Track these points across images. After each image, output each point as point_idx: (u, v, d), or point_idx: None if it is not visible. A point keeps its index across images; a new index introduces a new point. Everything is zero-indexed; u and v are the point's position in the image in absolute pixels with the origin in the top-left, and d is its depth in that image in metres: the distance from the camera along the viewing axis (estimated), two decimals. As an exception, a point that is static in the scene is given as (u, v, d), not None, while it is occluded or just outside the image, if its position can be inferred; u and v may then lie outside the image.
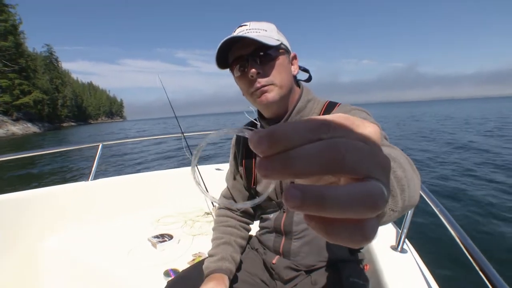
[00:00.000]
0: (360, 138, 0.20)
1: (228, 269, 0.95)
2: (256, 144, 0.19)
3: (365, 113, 0.82)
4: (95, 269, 1.64)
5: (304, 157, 0.18)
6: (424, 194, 1.24)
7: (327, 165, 0.18)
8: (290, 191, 0.17)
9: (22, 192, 1.95)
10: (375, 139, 0.20)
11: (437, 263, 2.50)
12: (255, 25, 0.83)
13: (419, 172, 0.51)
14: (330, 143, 0.18)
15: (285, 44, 0.87)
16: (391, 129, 16.59)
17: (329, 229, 0.19)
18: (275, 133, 0.19)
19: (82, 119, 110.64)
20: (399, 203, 0.38)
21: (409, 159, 0.51)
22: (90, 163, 2.32)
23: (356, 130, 0.20)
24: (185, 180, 2.54)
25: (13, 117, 46.82)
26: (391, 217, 0.38)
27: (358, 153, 0.18)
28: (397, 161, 0.42)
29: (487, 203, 4.05)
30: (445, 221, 1.07)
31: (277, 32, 0.86)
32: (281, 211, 0.98)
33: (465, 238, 0.94)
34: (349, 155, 0.18)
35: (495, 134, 11.53)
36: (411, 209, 0.45)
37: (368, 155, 0.19)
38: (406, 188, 0.40)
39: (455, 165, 6.45)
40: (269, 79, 0.82)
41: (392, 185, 0.36)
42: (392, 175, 0.36)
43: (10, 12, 47.94)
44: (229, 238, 1.03)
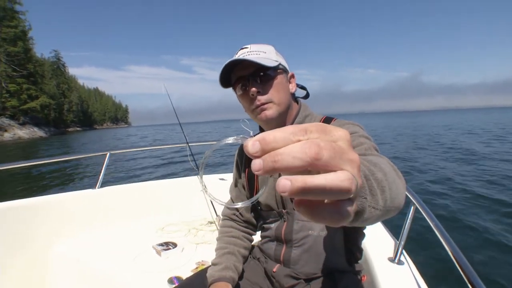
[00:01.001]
0: (331, 139, 0.24)
1: (231, 277, 0.99)
2: (250, 148, 0.24)
3: (358, 127, 0.87)
4: (101, 274, 1.68)
5: (288, 154, 0.22)
6: (420, 207, 1.27)
7: (307, 159, 0.22)
8: (281, 181, 0.22)
9: (31, 199, 2.00)
10: (344, 140, 0.25)
11: (434, 276, 2.52)
12: (255, 48, 0.90)
13: (404, 179, 0.57)
14: (308, 142, 0.23)
15: (283, 64, 0.93)
16: (387, 138, 16.51)
17: (314, 211, 0.24)
18: (265, 137, 0.24)
19: (88, 124, 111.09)
20: (380, 202, 0.42)
21: (394, 166, 0.56)
22: (97, 170, 2.37)
23: (328, 133, 0.25)
24: (189, 189, 2.58)
25: (19, 121, 47.21)
26: (373, 214, 0.41)
27: (331, 150, 0.23)
28: (377, 166, 0.47)
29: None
30: (439, 235, 1.09)
31: (276, 54, 0.92)
32: (281, 220, 1.01)
33: (457, 252, 0.97)
34: (324, 151, 0.22)
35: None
36: (397, 211, 0.49)
37: (339, 152, 0.23)
38: (386, 190, 0.45)
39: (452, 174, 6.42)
40: (268, 97, 0.88)
41: (372, 185, 0.41)
42: (372, 177, 0.41)
43: (20, 19, 48.76)
44: (232, 248, 1.08)
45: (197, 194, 2.53)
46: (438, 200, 4.85)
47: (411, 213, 1.29)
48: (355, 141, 0.78)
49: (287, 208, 0.99)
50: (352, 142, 0.77)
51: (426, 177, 6.54)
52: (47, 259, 1.84)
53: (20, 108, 47.84)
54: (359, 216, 0.37)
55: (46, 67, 67.41)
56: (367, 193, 0.39)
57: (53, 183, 8.17)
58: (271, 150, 0.23)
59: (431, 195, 5.13)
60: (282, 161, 0.22)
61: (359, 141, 0.78)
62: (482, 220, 3.89)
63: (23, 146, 27.60)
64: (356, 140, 0.79)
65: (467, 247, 3.13)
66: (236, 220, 1.17)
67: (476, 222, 3.82)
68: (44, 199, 2.05)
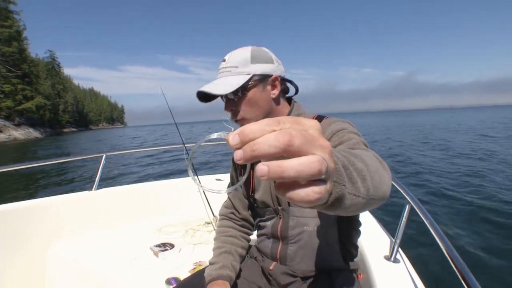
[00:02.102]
0: (303, 129, 0.28)
1: (228, 276, 1.01)
2: (231, 141, 0.27)
3: (348, 124, 0.89)
4: (99, 276, 1.69)
5: (265, 143, 0.26)
6: (415, 205, 1.28)
7: (280, 146, 0.25)
8: (259, 167, 0.26)
9: (29, 201, 2.00)
10: (315, 129, 0.29)
11: (430, 274, 2.54)
12: (230, 61, 0.90)
13: (391, 171, 0.59)
14: (282, 131, 0.26)
15: (261, 71, 0.91)
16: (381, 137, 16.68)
17: (291, 192, 0.27)
18: (244, 130, 0.27)
19: (83, 124, 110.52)
20: (362, 190, 0.44)
21: (379, 159, 0.59)
22: (93, 172, 2.37)
23: (300, 123, 0.28)
24: (186, 190, 2.59)
25: (15, 122, 46.83)
26: (356, 202, 0.43)
27: (302, 137, 0.26)
28: (358, 157, 0.49)
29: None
30: (434, 233, 1.11)
31: (251, 61, 0.90)
32: (277, 217, 1.03)
33: (452, 250, 0.98)
34: (296, 139, 0.25)
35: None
36: (382, 201, 0.51)
37: (310, 139, 0.27)
38: (368, 179, 0.46)
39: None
40: (241, 114, 0.93)
41: (352, 174, 0.42)
42: (351, 167, 0.43)
43: (14, 19, 48.26)
44: (230, 248, 1.10)
45: (194, 194, 2.54)
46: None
47: (406, 212, 1.30)
48: (344, 136, 0.80)
49: (282, 205, 1.01)
50: (342, 138, 0.79)
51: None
52: (45, 261, 1.84)
53: (15, 108, 47.40)
54: (340, 202, 0.39)
55: (41, 67, 66.87)
56: (346, 180, 0.41)
57: (50, 185, 8.12)
58: (250, 141, 0.26)
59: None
60: (259, 149, 0.26)
61: (348, 136, 0.80)
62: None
63: (18, 148, 27.38)
64: (346, 135, 0.81)
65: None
66: (234, 219, 1.18)
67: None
68: (42, 201, 2.05)
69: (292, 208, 0.99)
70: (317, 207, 0.37)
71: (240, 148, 0.27)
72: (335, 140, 0.82)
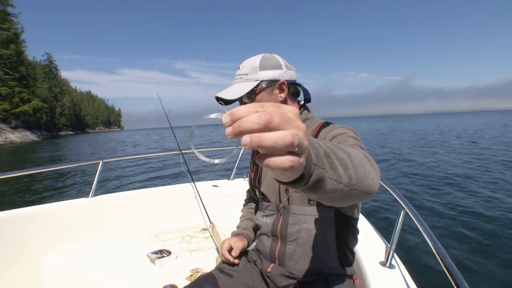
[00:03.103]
0: (282, 112, 0.34)
1: (248, 235, 1.27)
2: (224, 120, 0.33)
3: (349, 129, 0.94)
4: (95, 284, 1.68)
5: (249, 120, 0.31)
6: (409, 211, 1.29)
7: (261, 123, 0.31)
8: (244, 138, 0.31)
9: (24, 209, 1.99)
10: (292, 113, 0.35)
11: (425, 280, 2.55)
12: (243, 69, 1.03)
13: (378, 168, 0.64)
14: (264, 112, 0.32)
15: (268, 77, 1.02)
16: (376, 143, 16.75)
17: (269, 159, 0.33)
18: (233, 111, 0.33)
19: (80, 128, 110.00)
20: (344, 179, 0.49)
21: (368, 157, 0.64)
22: (90, 178, 2.37)
23: (280, 107, 0.34)
24: (183, 196, 2.60)
25: (11, 125, 46.52)
26: (337, 188, 0.48)
27: (280, 117, 0.32)
28: (343, 149, 0.53)
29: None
30: (427, 238, 1.12)
31: (259, 69, 1.01)
32: (278, 214, 1.07)
33: (445, 256, 0.99)
34: (274, 118, 0.31)
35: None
36: (368, 195, 0.55)
37: (287, 119, 0.33)
38: (350, 168, 0.51)
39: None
40: None
41: (333, 161, 0.48)
42: (333, 155, 0.48)
43: (12, 21, 48.13)
44: (251, 216, 1.35)
45: (191, 201, 2.54)
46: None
47: (401, 218, 1.32)
48: (343, 139, 0.86)
49: (283, 203, 1.06)
50: (340, 140, 0.85)
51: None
52: (40, 269, 1.83)
53: (12, 111, 47.17)
54: (320, 184, 0.45)
55: (38, 70, 66.71)
56: (327, 166, 0.46)
57: (46, 192, 8.03)
58: (238, 120, 0.32)
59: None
60: (244, 126, 0.31)
61: (346, 139, 0.86)
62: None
63: (13, 151, 27.15)
64: (344, 138, 0.87)
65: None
66: (254, 198, 1.35)
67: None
68: (37, 208, 2.04)
69: (292, 206, 1.03)
70: (299, 185, 0.42)
71: (230, 125, 0.33)
72: (335, 141, 0.87)
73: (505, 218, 4.10)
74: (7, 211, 1.92)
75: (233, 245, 1.20)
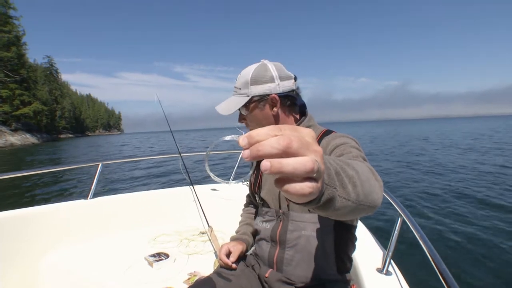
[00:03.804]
0: (300, 135, 0.33)
1: (247, 240, 1.27)
2: (241, 142, 0.33)
3: (351, 139, 0.95)
4: (94, 285, 1.68)
5: (268, 145, 0.31)
6: (406, 219, 1.30)
7: (281, 148, 0.31)
8: (263, 163, 0.31)
9: (23, 209, 1.99)
10: (309, 136, 0.34)
11: (422, 286, 2.55)
12: (237, 83, 1.05)
13: (382, 181, 0.65)
14: (283, 136, 0.32)
15: (259, 92, 1.00)
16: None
17: (288, 185, 0.33)
18: (251, 134, 0.33)
19: (80, 131, 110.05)
20: (352, 195, 0.49)
21: (372, 170, 0.65)
22: (89, 180, 2.37)
23: (297, 130, 0.34)
24: (182, 199, 2.60)
25: (11, 128, 46.47)
26: (346, 205, 0.49)
27: (299, 142, 0.31)
28: (351, 165, 0.54)
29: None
30: (424, 245, 1.12)
31: (251, 83, 1.00)
32: (277, 220, 1.07)
33: (440, 263, 1.00)
34: (294, 143, 0.31)
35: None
36: (373, 209, 0.54)
37: (305, 144, 0.32)
38: (358, 185, 0.51)
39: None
40: (251, 127, 1.09)
41: (343, 180, 0.48)
42: (343, 173, 0.49)
43: (14, 24, 48.29)
44: (250, 221, 1.35)
45: (190, 204, 2.54)
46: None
47: (398, 224, 1.32)
48: (345, 150, 0.86)
49: (283, 209, 1.06)
50: (343, 150, 0.85)
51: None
52: (38, 271, 1.83)
53: (12, 114, 47.17)
54: (331, 203, 0.45)
55: (39, 72, 66.79)
56: (337, 184, 0.46)
57: (45, 193, 8.03)
58: (256, 143, 0.32)
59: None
60: (263, 150, 0.31)
61: (349, 150, 0.86)
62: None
63: (12, 153, 27.13)
64: (347, 149, 0.86)
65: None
66: (253, 202, 1.41)
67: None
68: (36, 209, 2.04)
69: (292, 213, 1.03)
70: (311, 205, 0.42)
71: (248, 148, 0.32)
72: (337, 152, 0.88)
73: (503, 228, 4.10)
74: (6, 212, 1.92)
75: (232, 249, 1.20)
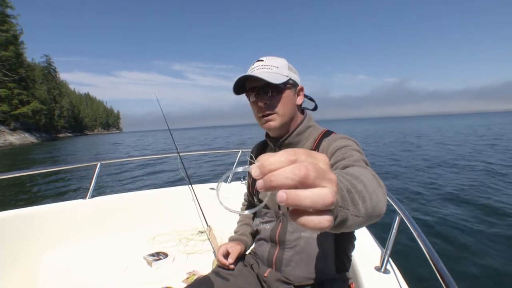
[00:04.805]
0: (315, 162, 0.32)
1: (245, 241, 1.25)
2: (253, 173, 0.31)
3: (352, 141, 0.94)
4: (91, 286, 1.68)
5: (282, 175, 0.29)
6: (404, 217, 1.30)
7: (298, 180, 0.28)
8: (279, 194, 0.29)
9: (21, 210, 2.00)
10: (324, 163, 0.33)
11: (420, 285, 2.55)
12: (269, 62, 0.99)
13: (385, 186, 0.64)
14: (298, 165, 0.29)
15: (294, 78, 1.02)
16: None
17: (305, 219, 0.30)
18: (263, 163, 0.30)
19: (79, 130, 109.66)
20: (362, 211, 0.49)
21: (376, 176, 0.64)
22: (88, 180, 2.37)
23: (313, 157, 0.32)
24: (180, 199, 2.60)
25: (10, 127, 46.34)
26: (356, 221, 0.48)
27: (315, 171, 0.29)
28: (358, 178, 0.54)
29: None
30: (421, 244, 1.13)
31: (288, 68, 1.01)
32: (277, 221, 1.07)
33: (438, 261, 1.01)
34: (311, 172, 0.29)
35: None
36: (379, 217, 0.55)
37: (322, 173, 0.30)
38: (367, 199, 0.51)
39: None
40: (273, 109, 0.99)
41: (354, 197, 0.48)
42: (353, 190, 0.49)
43: (11, 23, 48.02)
44: (249, 221, 1.33)
45: (189, 203, 2.54)
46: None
47: (396, 223, 1.33)
48: (347, 153, 0.85)
49: (282, 210, 1.06)
50: (344, 154, 0.84)
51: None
52: (38, 270, 1.83)
53: (11, 113, 47.03)
54: (343, 223, 0.45)
55: (37, 72, 66.52)
56: (349, 204, 0.46)
57: (43, 193, 8.00)
58: (269, 172, 0.30)
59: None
60: (276, 181, 0.29)
61: (350, 153, 0.85)
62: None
63: (11, 152, 27.04)
64: (348, 152, 0.85)
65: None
66: (252, 204, 1.38)
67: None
68: (35, 209, 2.04)
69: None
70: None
71: (261, 178, 0.30)
72: (338, 155, 0.86)
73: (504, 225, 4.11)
74: (5, 212, 1.92)
75: (230, 249, 1.18)
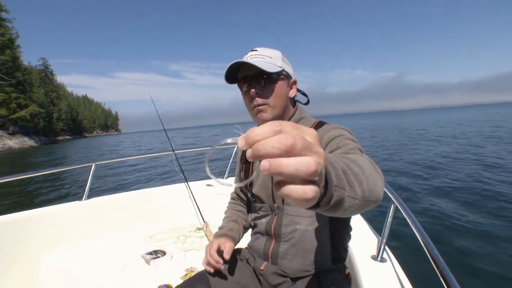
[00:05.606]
0: (302, 134, 0.31)
1: (233, 237, 1.17)
2: (240, 144, 0.31)
3: (346, 131, 0.93)
4: (91, 286, 1.69)
5: (268, 144, 0.29)
6: (399, 205, 1.30)
7: (284, 148, 0.28)
8: (262, 162, 0.29)
9: (18, 213, 2.00)
10: (312, 136, 0.32)
11: (417, 273, 2.55)
12: (263, 52, 0.98)
13: (382, 173, 0.64)
14: (285, 134, 0.29)
15: (287, 70, 1.00)
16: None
17: (290, 191, 0.30)
18: (248, 134, 0.31)
19: (77, 132, 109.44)
20: (359, 193, 0.48)
21: (373, 163, 0.63)
22: (83, 181, 2.36)
23: (300, 129, 0.32)
24: (177, 196, 2.60)
25: (9, 131, 46.27)
26: (353, 203, 0.47)
27: (303, 142, 0.29)
28: (355, 162, 0.54)
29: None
30: (416, 232, 1.13)
31: (282, 60, 0.99)
32: (272, 214, 1.06)
33: (433, 248, 1.01)
34: (298, 142, 0.28)
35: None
36: (376, 203, 0.54)
37: (308, 144, 0.30)
38: (364, 182, 0.51)
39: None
40: (265, 100, 0.97)
41: (350, 178, 0.47)
42: (349, 171, 0.48)
43: (7, 26, 47.85)
44: (237, 218, 1.27)
45: (185, 201, 2.54)
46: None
47: (391, 211, 1.33)
48: (341, 142, 0.84)
49: (277, 203, 1.05)
50: (339, 143, 0.82)
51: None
52: (36, 272, 1.84)
53: (9, 117, 46.95)
54: (340, 204, 0.44)
55: (34, 75, 66.38)
56: (345, 184, 0.45)
57: (40, 196, 7.98)
58: (254, 143, 0.30)
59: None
60: (262, 150, 0.29)
61: (345, 142, 0.83)
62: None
63: (10, 157, 26.96)
64: (343, 141, 0.84)
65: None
66: (241, 199, 1.35)
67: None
68: (32, 212, 2.04)
69: (287, 207, 1.02)
70: (320, 209, 0.41)
71: (248, 148, 0.31)
72: (333, 145, 0.85)
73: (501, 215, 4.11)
74: (2, 216, 1.92)
75: (222, 246, 1.11)
